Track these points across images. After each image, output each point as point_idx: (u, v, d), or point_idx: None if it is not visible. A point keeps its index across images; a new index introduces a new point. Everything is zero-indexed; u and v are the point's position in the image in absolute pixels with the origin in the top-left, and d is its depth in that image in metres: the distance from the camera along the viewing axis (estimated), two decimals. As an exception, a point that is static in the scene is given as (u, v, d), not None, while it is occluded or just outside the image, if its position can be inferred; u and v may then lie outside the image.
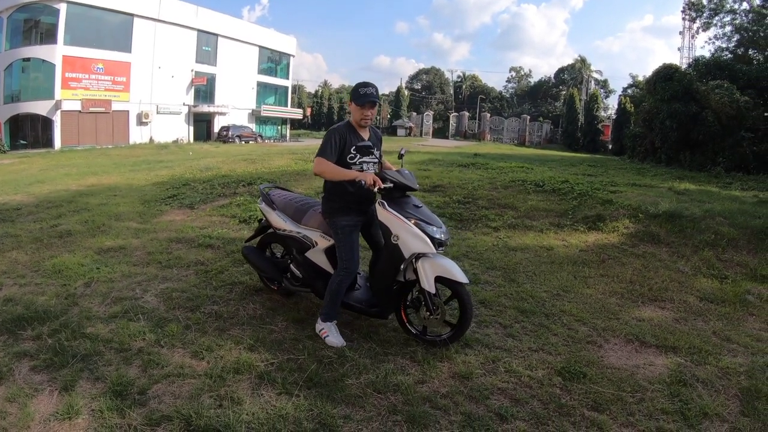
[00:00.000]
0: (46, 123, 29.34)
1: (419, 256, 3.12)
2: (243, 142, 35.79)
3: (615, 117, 46.41)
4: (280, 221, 3.67)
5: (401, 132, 54.19)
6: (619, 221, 6.59)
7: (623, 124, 40.74)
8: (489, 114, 57.27)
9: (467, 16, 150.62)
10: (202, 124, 38.31)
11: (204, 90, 37.84)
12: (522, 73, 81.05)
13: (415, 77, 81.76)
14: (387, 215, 3.13)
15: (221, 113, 38.61)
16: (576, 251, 5.67)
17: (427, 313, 3.18)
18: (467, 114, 57.76)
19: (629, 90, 57.22)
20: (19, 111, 29.53)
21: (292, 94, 50.46)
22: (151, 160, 17.89)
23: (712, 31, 24.42)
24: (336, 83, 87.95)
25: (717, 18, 24.23)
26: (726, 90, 16.93)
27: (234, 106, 39.58)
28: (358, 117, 3.24)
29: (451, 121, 56.13)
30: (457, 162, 12.87)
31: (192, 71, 36.63)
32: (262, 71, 43.45)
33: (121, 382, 2.64)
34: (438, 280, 3.11)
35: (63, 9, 28.72)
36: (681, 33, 33.58)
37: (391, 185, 3.13)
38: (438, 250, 3.12)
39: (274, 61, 45.45)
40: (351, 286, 3.49)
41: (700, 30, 26.63)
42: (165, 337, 3.20)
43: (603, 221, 6.61)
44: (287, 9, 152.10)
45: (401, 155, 3.65)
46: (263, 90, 43.74)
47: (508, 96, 77.23)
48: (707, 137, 16.91)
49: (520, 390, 2.80)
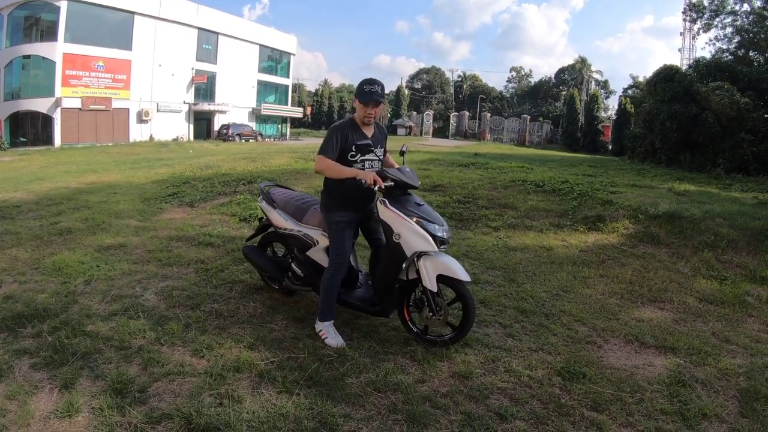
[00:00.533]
0: (46, 120, 29.30)
1: (421, 254, 3.11)
2: (243, 140, 35.76)
3: (615, 118, 46.37)
4: (280, 220, 3.66)
5: (401, 131, 54.13)
6: (619, 222, 6.58)
7: (623, 124, 40.70)
8: (489, 114, 57.25)
9: (467, 15, 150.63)
10: (202, 122, 38.29)
11: (204, 88, 37.80)
12: (522, 73, 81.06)
13: (416, 76, 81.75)
14: (388, 213, 3.12)
15: (221, 111, 38.58)
16: (576, 251, 5.67)
17: (430, 314, 3.17)
18: (467, 114, 57.75)
19: (629, 91, 57.24)
20: (20, 108, 29.51)
21: (292, 92, 50.43)
22: (151, 158, 17.88)
23: (712, 33, 24.55)
24: (336, 82, 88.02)
25: (718, 19, 24.20)
26: (726, 91, 16.93)
27: (234, 104, 39.55)
28: (361, 114, 3.21)
29: (452, 121, 56.11)
30: (458, 162, 12.86)
31: (192, 69, 36.60)
32: (262, 70, 43.43)
33: (121, 380, 2.63)
34: (439, 278, 3.10)
35: (63, 6, 28.68)
36: (681, 34, 33.63)
37: (392, 183, 3.12)
38: (440, 248, 3.11)
39: (274, 60, 45.43)
40: (352, 284, 3.50)
41: (700, 31, 26.62)
42: (165, 335, 3.19)
43: (603, 222, 6.61)
44: (288, 8, 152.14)
45: (403, 152, 3.63)
46: (263, 88, 43.71)
47: (508, 96, 77.22)
48: (707, 138, 16.90)
49: (519, 390, 2.80)
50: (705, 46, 40.11)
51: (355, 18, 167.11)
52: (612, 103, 61.16)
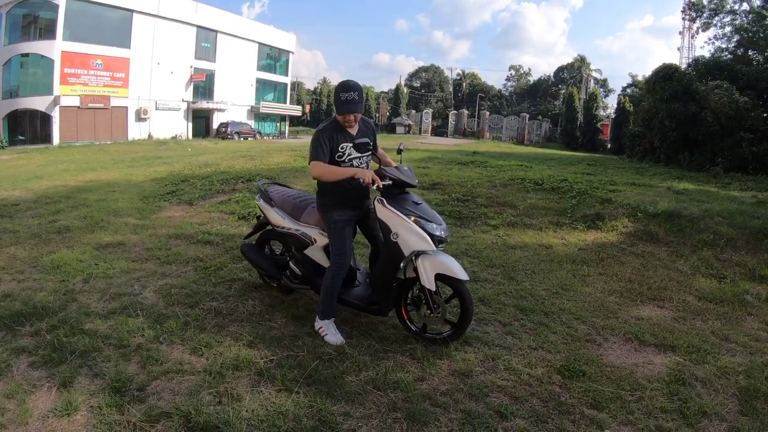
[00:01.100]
0: (44, 119, 29.24)
1: (419, 253, 3.10)
2: (242, 138, 35.71)
3: (614, 116, 46.41)
4: (278, 218, 3.64)
5: (400, 129, 54.15)
6: (618, 220, 6.58)
7: (622, 123, 40.77)
8: (488, 112, 57.29)
9: (467, 14, 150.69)
10: (201, 120, 38.24)
11: (203, 86, 37.74)
12: (521, 72, 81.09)
13: (415, 75, 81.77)
14: (386, 213, 3.11)
15: (220, 110, 38.52)
16: (575, 250, 5.66)
17: (428, 312, 3.16)
18: (466, 112, 57.78)
19: (628, 89, 57.26)
20: (18, 107, 29.44)
21: (291, 91, 50.36)
22: (150, 156, 17.85)
23: (711, 32, 24.43)
24: (335, 80, 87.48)
25: (717, 18, 24.19)
26: (725, 90, 16.95)
27: (233, 102, 39.49)
28: (341, 120, 3.17)
29: (450, 119, 56.12)
30: (456, 160, 12.85)
31: (191, 67, 36.52)
32: (261, 68, 43.35)
33: (120, 378, 2.62)
34: (438, 277, 3.09)
35: (62, 4, 28.61)
36: (681, 33, 33.64)
37: (390, 182, 3.11)
38: (438, 247, 3.09)
39: (273, 58, 45.35)
40: (350, 282, 3.48)
41: (699, 30, 26.60)
42: (164, 334, 3.18)
43: (602, 220, 6.61)
44: (286, 6, 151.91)
45: (400, 151, 3.61)
46: (262, 87, 43.64)
47: (507, 94, 77.21)
48: (706, 137, 16.93)
49: (519, 388, 2.79)
50: (704, 45, 40.01)
51: (355, 16, 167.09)
52: (611, 102, 61.27)
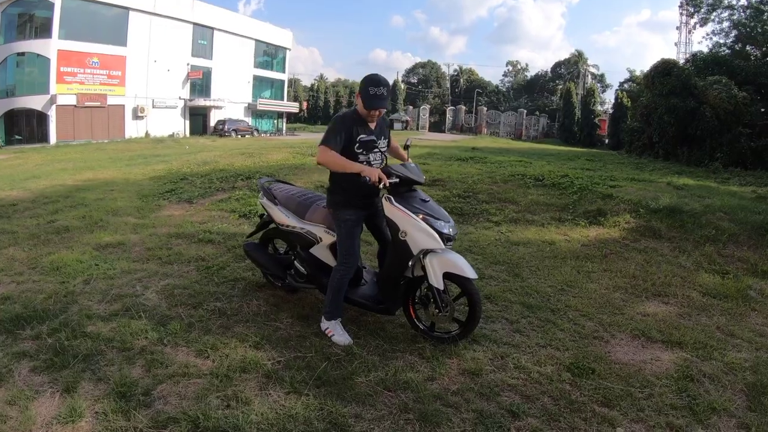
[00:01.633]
0: (41, 118, 29.12)
1: (427, 251, 3.06)
2: (239, 136, 35.66)
3: (612, 112, 46.37)
4: (282, 216, 3.58)
5: (398, 126, 53.94)
6: (620, 216, 6.57)
7: (620, 118, 40.75)
8: (485, 108, 57.17)
9: (463, 9, 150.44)
10: (198, 118, 38.13)
11: (200, 84, 37.63)
12: (519, 67, 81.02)
13: (412, 71, 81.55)
14: (394, 211, 3.07)
15: (217, 107, 38.41)
16: (578, 246, 5.65)
17: (436, 311, 3.13)
18: (464, 108, 57.66)
19: (626, 85, 57.27)
20: (14, 106, 29.31)
21: (288, 87, 50.22)
22: (148, 154, 17.76)
23: (709, 27, 24.34)
24: (332, 77, 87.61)
25: (715, 13, 24.14)
26: (724, 86, 16.98)
27: (230, 99, 39.38)
28: (364, 114, 3.11)
29: (448, 115, 56.04)
30: (456, 156, 12.82)
31: (188, 65, 36.40)
32: (258, 65, 43.24)
33: (125, 382, 2.56)
34: (446, 276, 3.06)
35: (58, 3, 28.46)
36: (678, 28, 33.57)
37: (397, 180, 3.06)
38: (446, 245, 3.06)
39: (270, 55, 45.21)
40: (356, 281, 3.45)
41: (697, 25, 26.54)
42: (168, 336, 3.12)
43: (604, 216, 6.60)
44: (282, 3, 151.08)
45: (407, 146, 3.59)
46: (259, 84, 43.55)
47: (504, 90, 77.11)
48: (705, 132, 16.95)
49: (530, 386, 2.77)
50: (702, 40, 40.07)
51: (351, 13, 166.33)
52: (608, 97, 61.20)
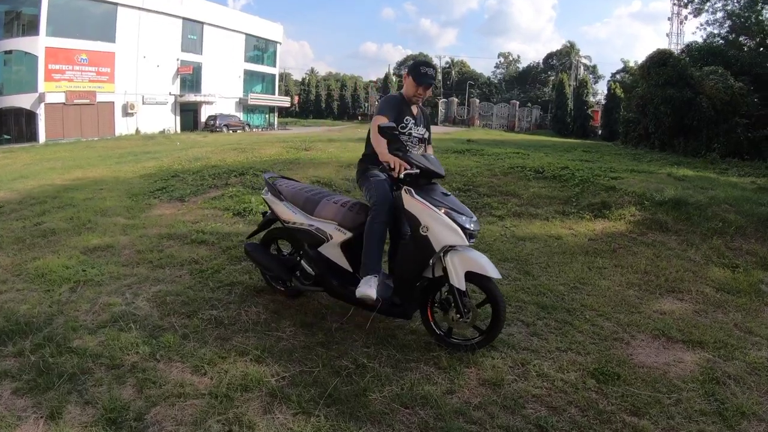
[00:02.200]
0: (30, 117, 28.60)
1: (448, 249, 2.85)
2: (231, 131, 35.29)
3: (604, 102, 46.46)
4: (289, 213, 3.34)
5: (391, 119, 53.72)
6: (625, 209, 6.46)
7: (613, 109, 40.83)
8: (478, 100, 56.96)
9: (454, 1, 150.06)
10: (188, 113, 37.66)
11: (190, 79, 37.12)
12: (511, 59, 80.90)
13: (403, 63, 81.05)
14: (415, 204, 2.85)
15: (208, 102, 37.95)
16: (585, 240, 5.52)
17: (457, 316, 2.91)
18: (456, 100, 57.40)
19: (618, 75, 57.35)
20: (2, 105, 28.76)
21: (279, 82, 49.75)
22: (138, 151, 17.35)
23: (703, 17, 24.13)
24: (323, 71, 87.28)
25: (709, 3, 23.93)
26: (720, 76, 16.94)
27: (221, 94, 38.93)
28: (411, 93, 3.24)
29: (440, 107, 55.69)
30: (452, 148, 12.61)
31: (178, 60, 35.86)
32: (248, 59, 42.75)
33: (115, 406, 2.32)
34: (467, 276, 2.84)
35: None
36: (669, 19, 33.57)
37: (418, 171, 2.86)
38: (469, 242, 2.85)
39: (260, 49, 44.73)
40: None
41: (690, 16, 26.36)
42: (161, 350, 2.87)
43: (609, 209, 6.48)
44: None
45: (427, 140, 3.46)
46: (250, 78, 43.09)
47: (496, 82, 76.97)
48: (702, 123, 16.90)
49: (555, 396, 2.60)
50: (696, 30, 40.28)
51: (341, 5, 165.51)
52: (600, 88, 61.31)
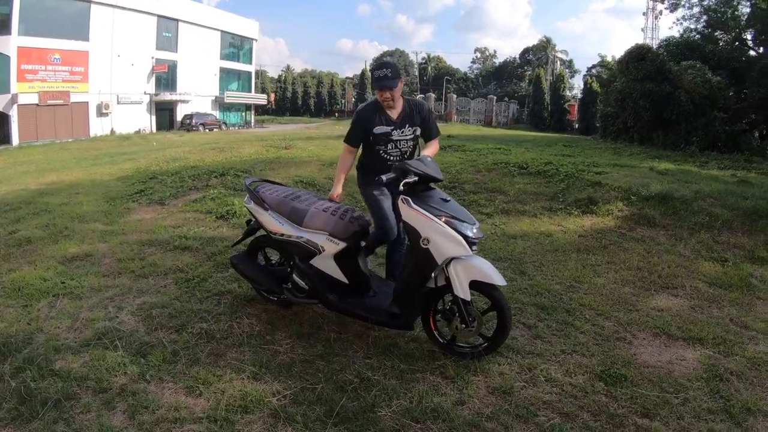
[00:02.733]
0: (2, 119, 27.43)
1: (451, 259, 2.72)
2: (207, 130, 34.65)
3: (581, 97, 46.92)
4: (275, 224, 3.13)
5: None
6: (612, 204, 6.49)
7: (589, 103, 41.31)
8: (455, 95, 56.99)
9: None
10: (164, 113, 36.77)
11: (165, 78, 36.19)
12: (487, 54, 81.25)
13: (380, 60, 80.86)
14: (413, 214, 2.70)
15: (184, 101, 37.09)
16: (576, 237, 5.53)
17: (462, 325, 2.80)
18: (433, 95, 57.36)
19: (593, 70, 58.13)
20: (-26, 108, 27.55)
21: (255, 79, 48.99)
22: (114, 152, 16.84)
23: (680, 12, 24.32)
24: (298, 67, 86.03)
25: (685, -1, 24.22)
26: (699, 70, 17.17)
27: (197, 93, 38.11)
28: (379, 98, 3.18)
29: (419, 104, 55.62)
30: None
31: (152, 59, 34.91)
32: (224, 57, 41.93)
33: (106, 436, 2.14)
34: (472, 284, 2.72)
35: (16, -3, 26.76)
36: (645, 14, 34.06)
37: (416, 179, 2.72)
38: (471, 249, 2.71)
39: (236, 46, 43.96)
40: (364, 292, 3.11)
41: (667, 10, 26.60)
42: (150, 369, 2.69)
43: (596, 204, 6.51)
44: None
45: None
46: (226, 76, 42.31)
47: (473, 77, 77.20)
48: (680, 117, 17.09)
49: (565, 401, 2.56)
50: (672, 25, 40.55)
51: (317, 2, 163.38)
52: (577, 83, 61.97)
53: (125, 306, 3.52)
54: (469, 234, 2.68)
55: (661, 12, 28.25)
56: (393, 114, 3.17)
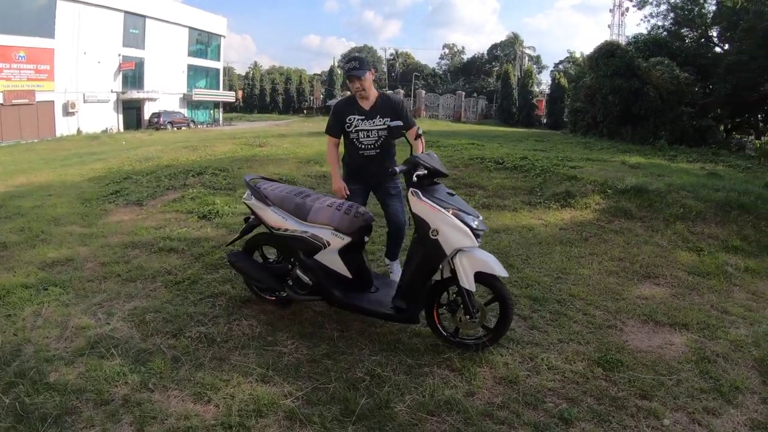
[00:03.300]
0: (-34, 119, 26.13)
1: (456, 250, 2.78)
2: (175, 128, 33.72)
3: (549, 92, 47.89)
4: (279, 220, 3.10)
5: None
6: (589, 197, 6.69)
7: (557, 99, 42.26)
8: (423, 91, 57.22)
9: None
10: (131, 111, 35.60)
11: (132, 75, 35.03)
12: (455, 50, 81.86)
13: (347, 56, 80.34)
14: (422, 206, 2.76)
15: (151, 99, 35.99)
16: (557, 230, 5.68)
17: (466, 316, 2.85)
18: (402, 91, 57.41)
19: (561, 66, 59.33)
20: (-64, 109, 26.07)
21: (223, 76, 48.02)
22: (83, 152, 16.23)
23: (647, 9, 24.91)
24: (266, 64, 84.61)
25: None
26: (666, 67, 17.67)
27: (164, 90, 37.05)
28: (352, 89, 3.43)
29: (389, 100, 55.54)
30: (405, 140, 12.59)
31: (119, 56, 33.70)
32: (192, 53, 40.88)
33: (116, 453, 2.03)
34: (475, 276, 2.78)
35: (-22, -6, 25.43)
36: (611, 11, 34.87)
37: (425, 172, 2.78)
38: (477, 242, 2.79)
39: (204, 43, 42.93)
40: (366, 287, 3.15)
41: (634, 8, 27.26)
42: (152, 377, 2.59)
43: (573, 198, 6.70)
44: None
45: (419, 135, 3.39)
46: (194, 73, 41.28)
47: (441, 73, 77.66)
48: (649, 112, 17.59)
49: (569, 388, 2.67)
50: (640, 22, 41.72)
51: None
52: (544, 78, 63.17)
53: (115, 312, 3.38)
54: (474, 225, 2.77)
55: (627, 9, 28.96)
56: (365, 105, 3.45)
